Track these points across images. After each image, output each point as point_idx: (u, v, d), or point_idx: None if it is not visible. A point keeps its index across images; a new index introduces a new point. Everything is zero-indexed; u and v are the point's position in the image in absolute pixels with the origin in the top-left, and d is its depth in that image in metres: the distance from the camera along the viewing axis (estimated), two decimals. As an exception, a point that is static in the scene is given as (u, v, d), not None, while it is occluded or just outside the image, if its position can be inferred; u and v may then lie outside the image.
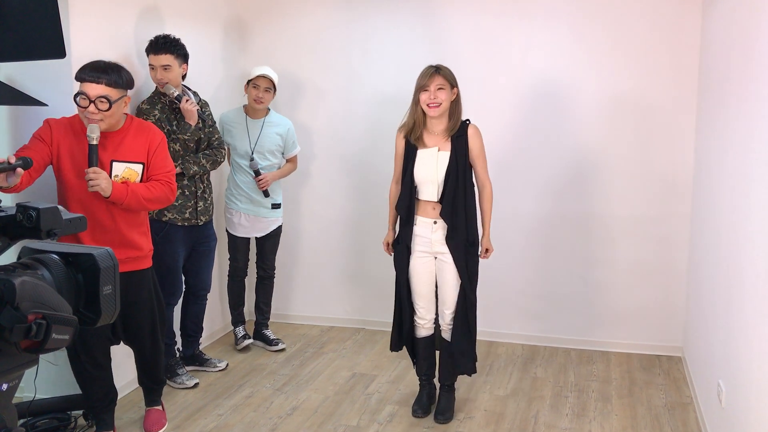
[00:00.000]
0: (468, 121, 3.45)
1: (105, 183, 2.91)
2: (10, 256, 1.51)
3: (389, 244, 3.61)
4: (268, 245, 4.51)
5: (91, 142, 2.91)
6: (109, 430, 3.27)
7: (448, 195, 3.36)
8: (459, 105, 3.42)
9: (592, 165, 4.44)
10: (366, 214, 4.84)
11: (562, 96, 4.43)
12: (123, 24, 3.67)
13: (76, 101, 2.94)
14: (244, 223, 4.36)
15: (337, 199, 4.93)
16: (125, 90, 3.02)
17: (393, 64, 4.67)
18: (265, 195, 4.30)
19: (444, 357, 3.56)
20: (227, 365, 4.21)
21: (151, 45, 3.64)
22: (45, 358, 2.91)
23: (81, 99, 2.93)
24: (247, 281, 4.62)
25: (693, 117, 4.27)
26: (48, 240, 1.38)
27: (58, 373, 3.40)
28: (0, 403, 1.26)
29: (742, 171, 2.87)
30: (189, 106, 3.68)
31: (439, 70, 3.36)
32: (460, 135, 3.40)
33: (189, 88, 3.87)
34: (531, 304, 4.65)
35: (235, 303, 4.54)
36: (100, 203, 3.01)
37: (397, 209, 3.52)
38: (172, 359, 3.96)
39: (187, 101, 3.68)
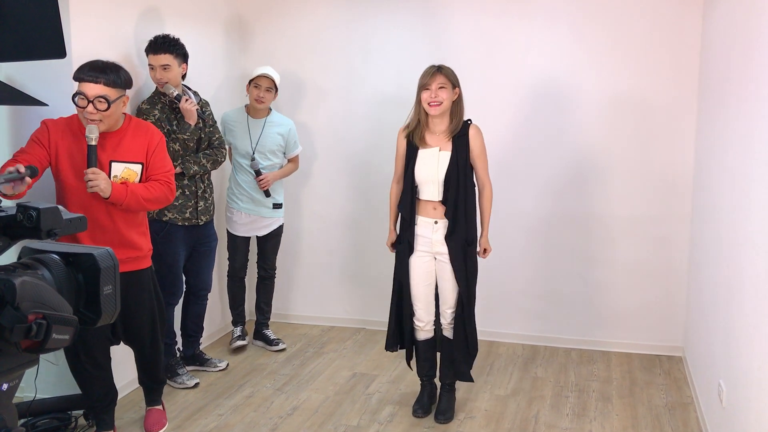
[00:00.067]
0: (470, 122, 3.45)
1: (104, 183, 2.91)
2: (10, 256, 1.51)
3: (393, 244, 3.61)
4: (269, 245, 4.51)
5: (90, 142, 2.90)
6: (110, 430, 3.27)
7: (451, 196, 3.36)
8: (461, 105, 3.42)
9: (592, 165, 4.44)
10: (366, 214, 4.84)
11: (562, 96, 4.43)
12: (123, 24, 3.67)
13: (74, 101, 2.93)
14: (245, 223, 4.36)
15: (338, 199, 4.92)
16: (124, 90, 3.01)
17: (393, 64, 4.67)
18: (266, 195, 4.30)
19: (444, 356, 3.57)
20: (228, 365, 4.21)
21: (151, 45, 3.64)
22: (45, 358, 2.91)
23: (79, 99, 2.92)
24: (248, 281, 4.62)
25: (693, 117, 4.27)
26: (48, 240, 1.37)
27: (58, 373, 3.40)
28: (0, 403, 1.26)
29: (742, 171, 2.87)
30: (188, 105, 3.68)
31: (441, 69, 3.36)
32: (461, 135, 3.40)
33: (189, 87, 3.87)
34: (531, 304, 4.65)
35: (235, 303, 4.54)
36: (99, 204, 3.00)
37: (399, 209, 3.52)
38: (172, 359, 3.96)
39: (187, 101, 3.68)
